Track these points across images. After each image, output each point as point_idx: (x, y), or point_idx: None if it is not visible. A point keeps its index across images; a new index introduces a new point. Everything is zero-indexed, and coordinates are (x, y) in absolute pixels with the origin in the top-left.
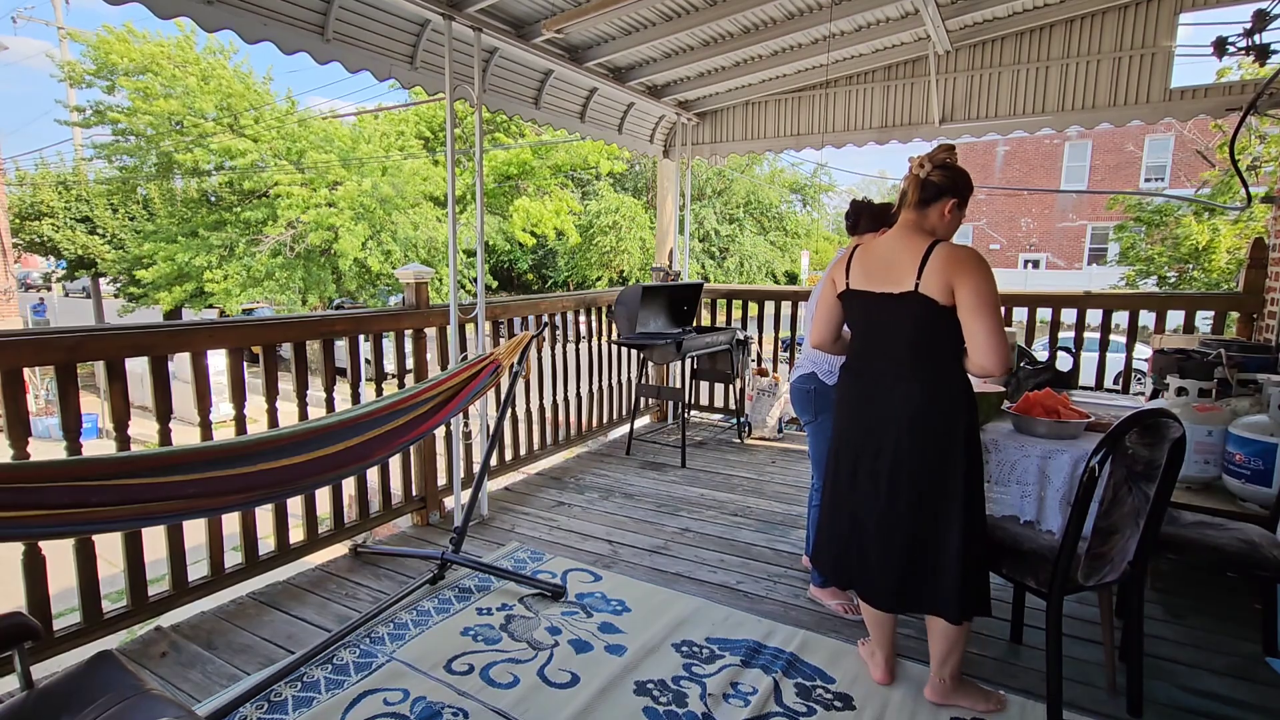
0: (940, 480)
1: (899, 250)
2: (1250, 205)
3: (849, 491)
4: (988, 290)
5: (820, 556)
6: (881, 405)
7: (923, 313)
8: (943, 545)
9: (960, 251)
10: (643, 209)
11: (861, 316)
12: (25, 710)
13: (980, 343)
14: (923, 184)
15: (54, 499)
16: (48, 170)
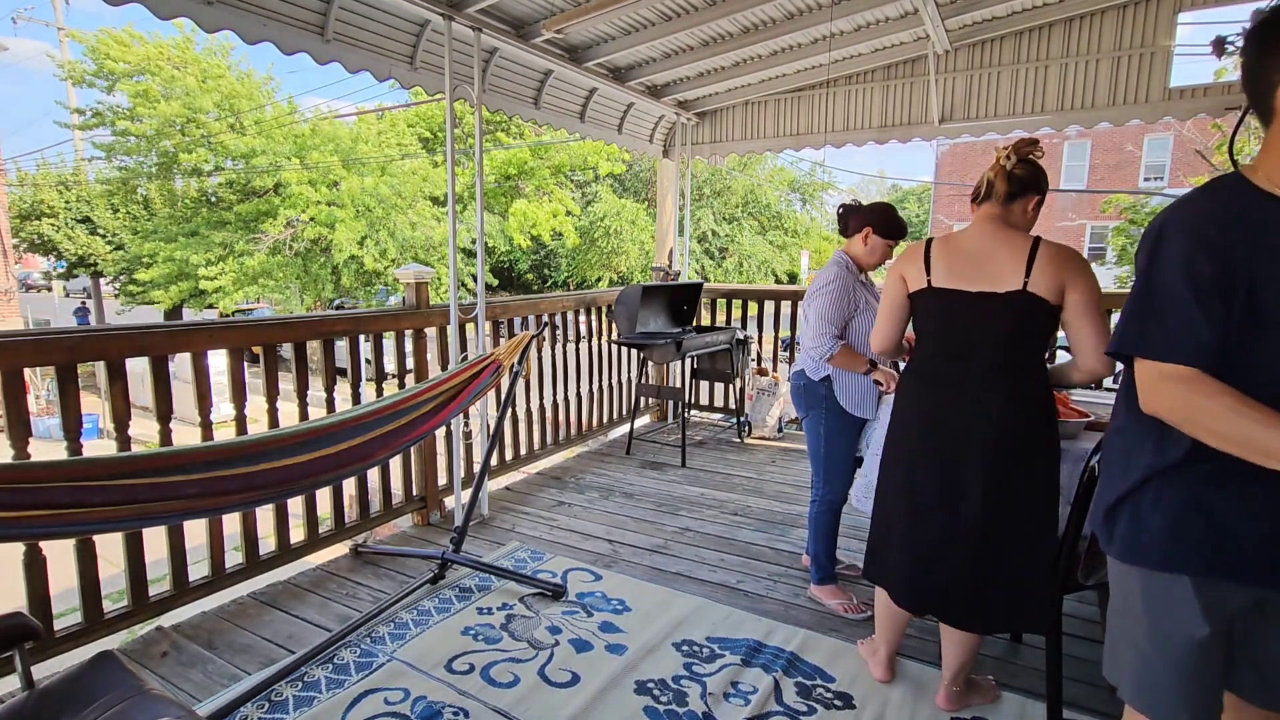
0: (1027, 489)
1: (994, 246)
2: None
3: (927, 505)
4: (1098, 291)
5: (889, 575)
6: (966, 413)
7: (1028, 313)
8: (1027, 557)
9: (1068, 249)
10: (642, 210)
11: (944, 316)
12: (26, 710)
13: (1093, 345)
14: (1009, 177)
15: (55, 499)
16: (48, 170)
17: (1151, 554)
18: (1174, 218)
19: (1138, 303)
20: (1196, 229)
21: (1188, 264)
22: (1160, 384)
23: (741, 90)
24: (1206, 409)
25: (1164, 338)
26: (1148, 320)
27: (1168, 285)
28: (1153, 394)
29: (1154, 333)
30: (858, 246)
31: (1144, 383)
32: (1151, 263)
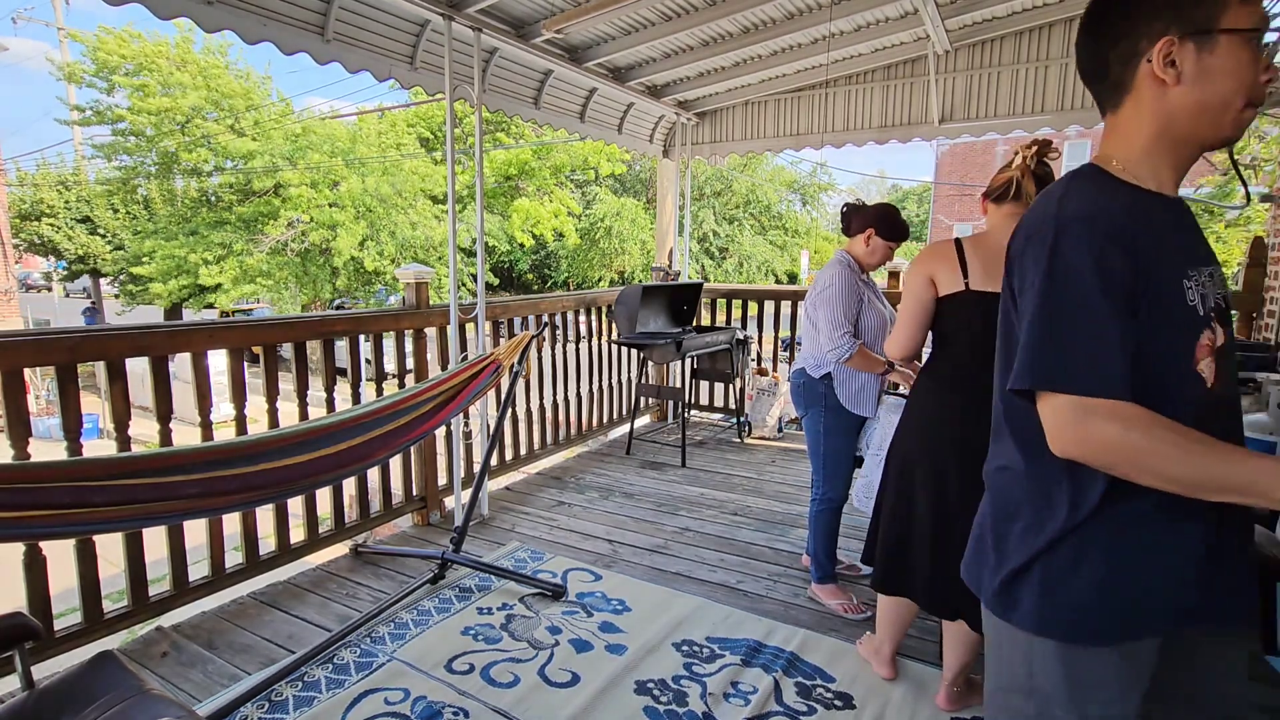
0: None
1: None
2: (1250, 205)
3: (958, 508)
4: None
5: (910, 581)
6: None
7: None
8: None
9: None
10: (642, 210)
11: (985, 320)
12: (26, 710)
13: None
14: (1036, 177)
15: (55, 499)
16: (48, 170)
17: (1080, 625)
18: (1069, 212)
19: (1045, 324)
20: (1099, 221)
21: (1100, 269)
22: (1085, 422)
23: (741, 90)
24: (1149, 450)
25: (1088, 367)
26: (1063, 345)
27: (1082, 300)
28: (1074, 435)
29: (1075, 361)
30: (859, 247)
31: (1060, 421)
32: (1053, 272)
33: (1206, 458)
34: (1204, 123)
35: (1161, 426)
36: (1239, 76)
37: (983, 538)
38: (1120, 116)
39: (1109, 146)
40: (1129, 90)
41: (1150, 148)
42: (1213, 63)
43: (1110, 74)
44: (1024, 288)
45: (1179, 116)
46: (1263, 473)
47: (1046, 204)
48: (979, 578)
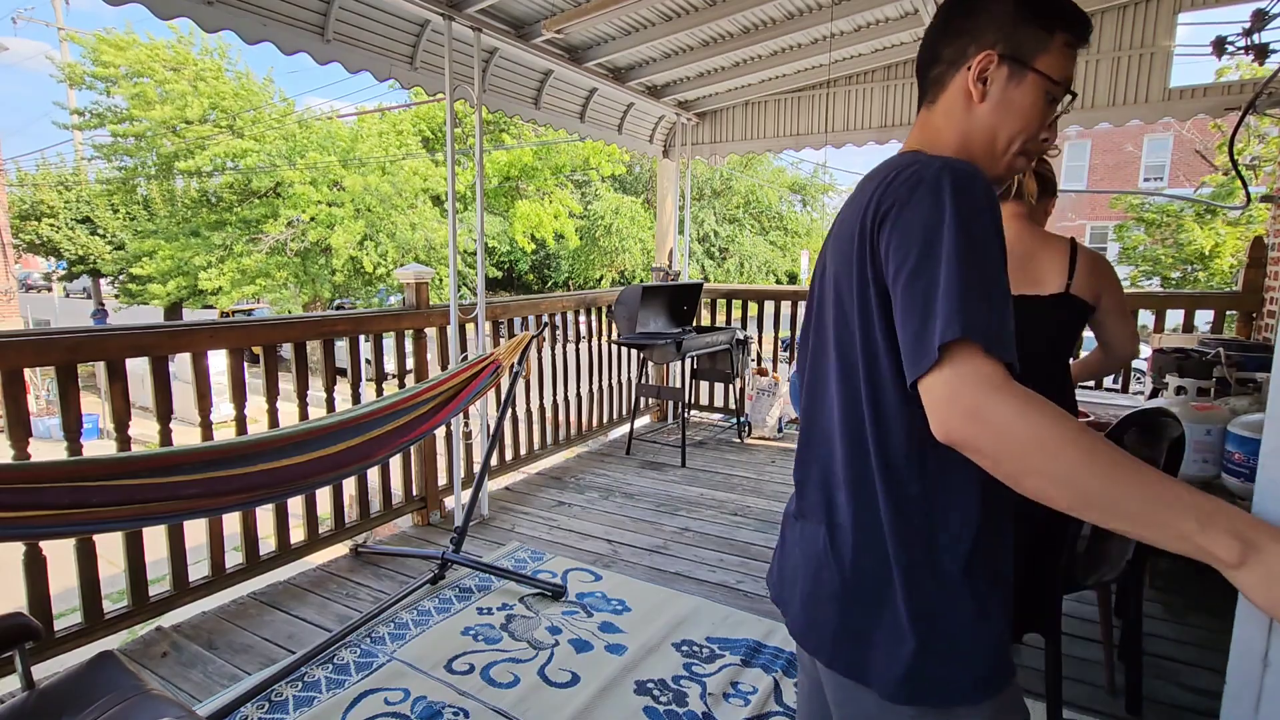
0: None
1: (1032, 246)
2: (1250, 205)
3: None
4: (1124, 293)
5: None
6: None
7: (1070, 316)
8: (1056, 559)
9: (1101, 256)
10: (642, 207)
11: None
12: (26, 710)
13: (1124, 342)
14: (1038, 177)
15: (54, 499)
16: (48, 170)
17: (987, 685)
18: (958, 164)
19: (966, 267)
20: (985, 179)
21: (998, 225)
22: (985, 394)
23: (741, 90)
24: (1054, 441)
25: (1002, 327)
26: (986, 295)
27: (994, 250)
28: (967, 407)
29: (995, 317)
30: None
31: (956, 390)
32: (962, 212)
33: (1125, 470)
34: (987, 151)
35: (1066, 417)
36: (1030, 120)
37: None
38: (933, 114)
39: (920, 139)
40: (944, 91)
41: (953, 155)
42: (1015, 96)
43: (936, 68)
44: (911, 239)
45: (974, 137)
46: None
47: (918, 160)
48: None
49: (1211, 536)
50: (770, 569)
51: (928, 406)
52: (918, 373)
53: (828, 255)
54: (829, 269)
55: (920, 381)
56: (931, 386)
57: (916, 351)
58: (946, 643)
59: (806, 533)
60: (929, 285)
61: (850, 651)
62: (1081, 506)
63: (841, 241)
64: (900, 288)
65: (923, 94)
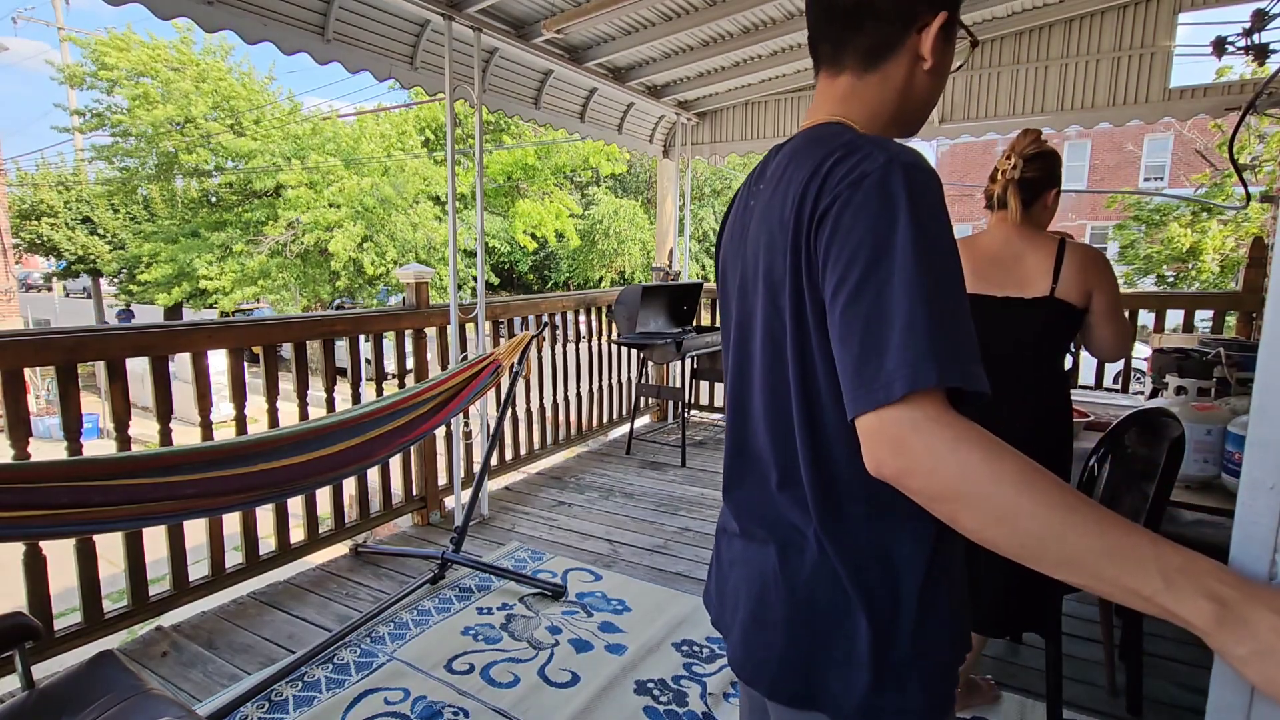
0: None
1: (1020, 249)
2: (1249, 204)
3: None
4: (1119, 291)
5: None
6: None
7: (1056, 318)
8: None
9: (1093, 252)
10: (641, 209)
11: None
12: (26, 710)
13: (1113, 344)
14: (1020, 185)
15: (54, 499)
16: (48, 170)
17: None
18: (906, 156)
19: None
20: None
21: (948, 220)
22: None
23: (741, 90)
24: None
25: (954, 349)
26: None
27: (953, 264)
28: (897, 441)
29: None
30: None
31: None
32: (919, 220)
33: (1076, 513)
34: (919, 114)
35: (1008, 452)
36: (945, 78)
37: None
38: (867, 82)
39: (845, 110)
40: (889, 57)
41: (887, 126)
42: (947, 56)
43: (873, 28)
44: (856, 250)
45: (913, 102)
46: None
47: (854, 144)
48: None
49: (1179, 597)
50: (707, 588)
51: (867, 440)
52: (863, 409)
53: (749, 243)
54: (758, 261)
55: (861, 417)
56: (874, 423)
57: (859, 387)
58: (903, 671)
59: (750, 552)
60: (876, 310)
61: (795, 682)
62: (1026, 553)
63: (773, 231)
64: (840, 306)
65: (840, 62)
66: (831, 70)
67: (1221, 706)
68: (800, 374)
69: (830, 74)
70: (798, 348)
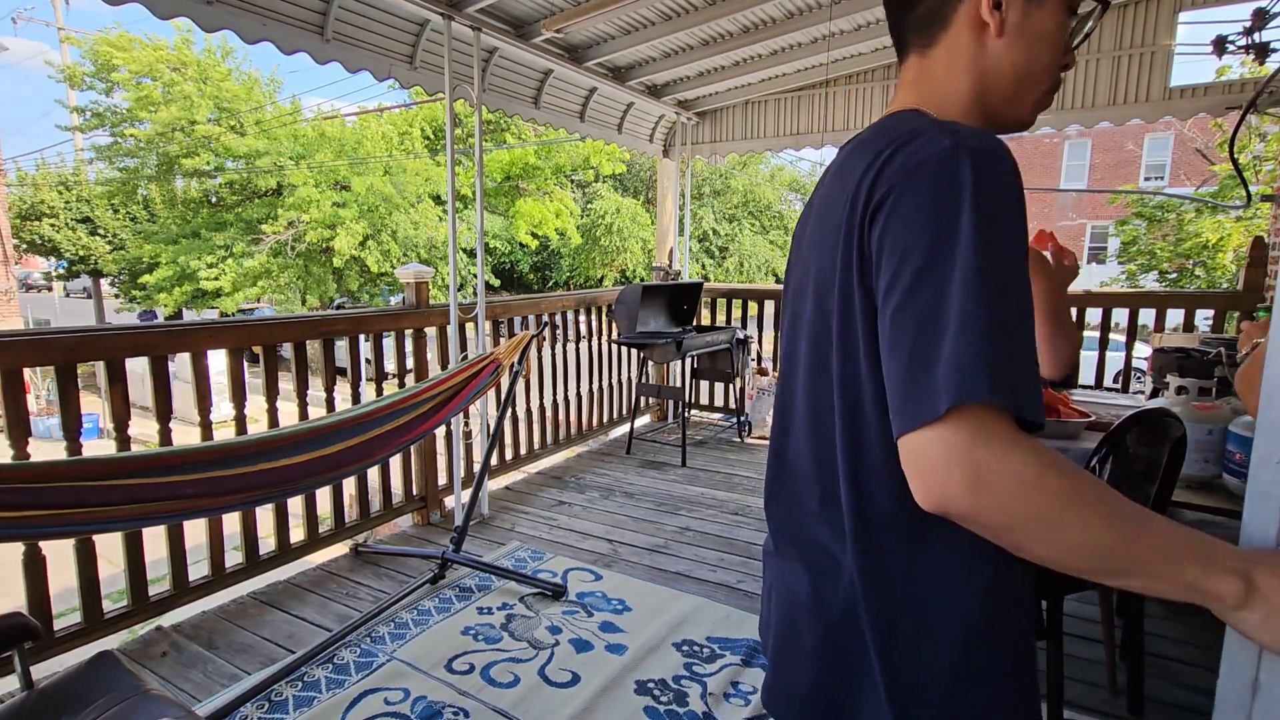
0: None
1: None
2: (1250, 204)
3: None
4: None
5: None
6: None
7: None
8: None
9: None
10: (643, 209)
11: None
12: (25, 710)
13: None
14: None
15: (54, 499)
16: (48, 170)
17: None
18: (975, 142)
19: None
20: (1011, 162)
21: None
22: (995, 458)
23: (741, 90)
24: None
25: (1021, 367)
26: (1010, 336)
27: (1019, 268)
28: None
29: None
30: None
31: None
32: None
33: (1139, 524)
34: (1011, 95)
35: (1085, 477)
36: (1056, 45)
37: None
38: (931, 60)
39: (917, 95)
40: (944, 29)
41: (968, 110)
42: (1037, 22)
43: (923, 3)
44: (910, 245)
45: (994, 78)
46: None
47: (920, 128)
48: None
49: (1215, 577)
50: (761, 613)
51: (912, 465)
52: (907, 427)
53: (805, 244)
54: (810, 263)
55: (905, 437)
56: (921, 444)
57: (905, 400)
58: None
59: (784, 573)
60: (930, 313)
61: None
62: (1094, 570)
63: (826, 230)
64: (892, 309)
65: (906, 42)
66: (902, 55)
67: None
68: (844, 386)
69: (902, 59)
70: (843, 358)
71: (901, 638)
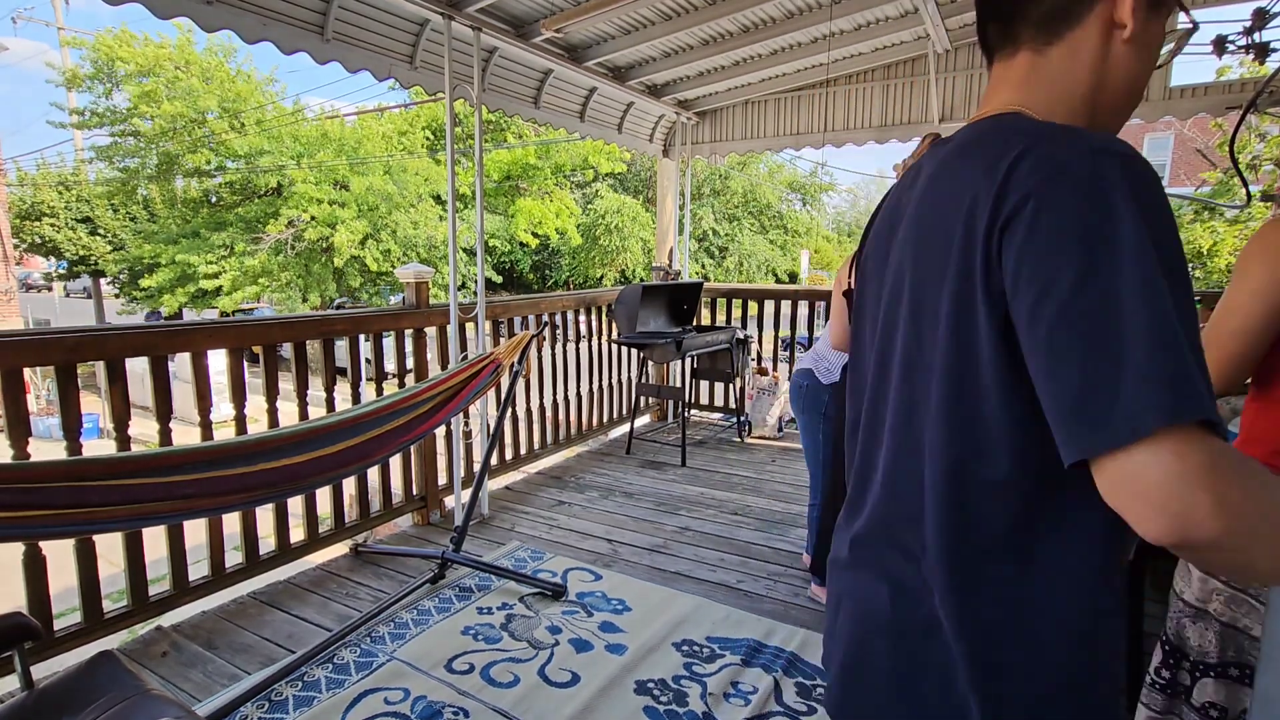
0: None
1: None
2: (1250, 204)
3: None
4: None
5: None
6: None
7: None
8: None
9: None
10: (643, 208)
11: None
12: (26, 710)
13: None
14: None
15: (54, 499)
16: (48, 170)
17: None
18: (1117, 146)
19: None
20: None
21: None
22: (1214, 477)
23: (741, 90)
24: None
25: (1207, 384)
26: (1188, 350)
27: (1185, 275)
28: (1203, 501)
29: (1199, 377)
30: None
31: (1182, 479)
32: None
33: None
34: (1121, 103)
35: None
36: (1154, 62)
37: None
38: (1048, 59)
39: (1023, 95)
40: (1075, 24)
41: (1077, 114)
42: (1154, 32)
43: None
44: (1061, 255)
45: (1111, 84)
46: None
47: (1045, 133)
48: None
49: None
50: (826, 621)
51: (1133, 490)
52: (1102, 448)
53: (896, 251)
54: (904, 272)
55: (1100, 460)
56: (1142, 469)
57: (1083, 420)
58: None
59: (858, 588)
60: (1103, 327)
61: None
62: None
63: (930, 238)
64: (1047, 325)
65: (1016, 37)
66: (1006, 51)
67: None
68: (951, 409)
69: (1005, 56)
70: (953, 378)
71: (1002, 659)
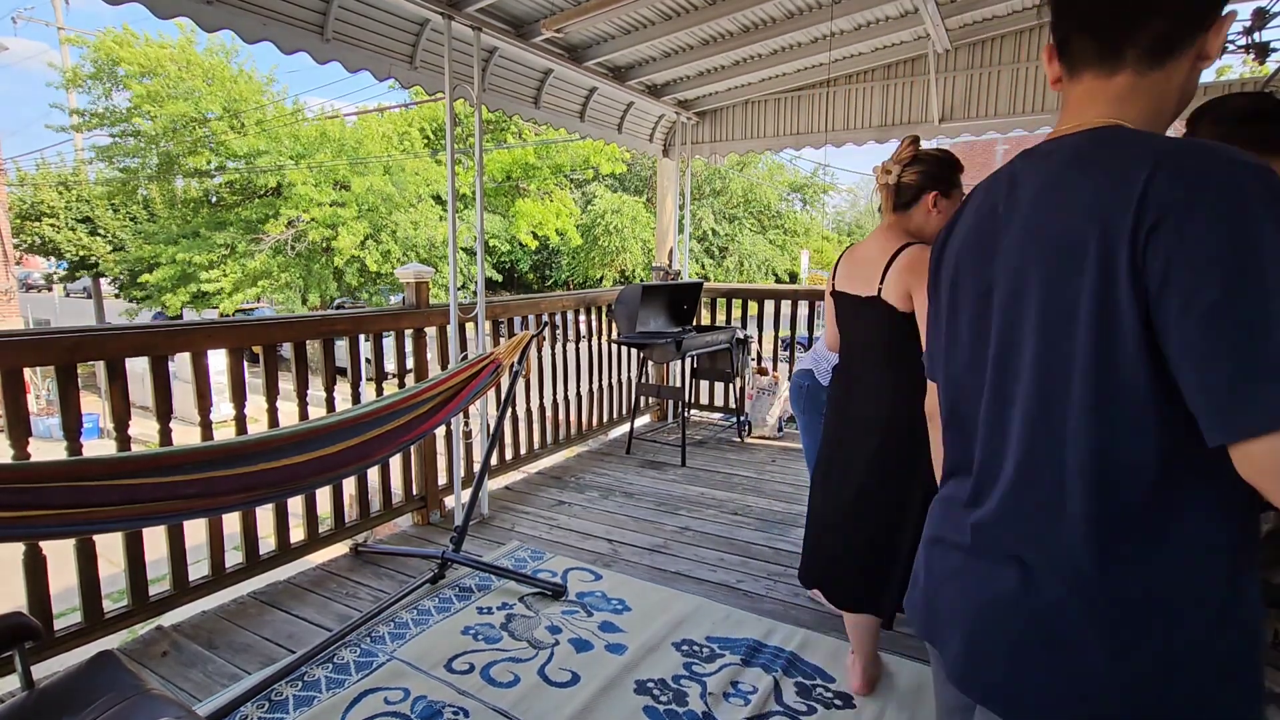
0: (899, 483)
1: (875, 252)
2: None
3: (821, 490)
4: None
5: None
6: (857, 405)
7: (884, 318)
8: (899, 547)
9: (920, 255)
10: (644, 208)
11: (841, 317)
12: (26, 710)
13: None
14: (896, 189)
15: (54, 499)
16: (48, 170)
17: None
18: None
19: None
20: None
21: None
22: None
23: (741, 90)
24: None
25: None
26: None
27: None
28: None
29: None
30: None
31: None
32: None
33: None
34: (1175, 118)
35: None
36: None
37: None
38: (1151, 80)
39: (1120, 111)
40: (1178, 53)
41: (1158, 126)
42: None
43: (1164, 23)
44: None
45: (1184, 101)
46: None
47: (1181, 147)
48: None
49: None
50: (911, 596)
51: (1271, 475)
52: (1241, 434)
53: (1008, 252)
54: (1027, 274)
55: (1245, 444)
56: (1259, 444)
57: (1235, 407)
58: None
59: (981, 569)
60: (1254, 323)
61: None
62: None
63: (1056, 245)
64: (1198, 321)
65: (1121, 57)
66: (1105, 69)
67: None
68: (1097, 398)
69: (1102, 74)
70: (1098, 370)
71: (1140, 636)
